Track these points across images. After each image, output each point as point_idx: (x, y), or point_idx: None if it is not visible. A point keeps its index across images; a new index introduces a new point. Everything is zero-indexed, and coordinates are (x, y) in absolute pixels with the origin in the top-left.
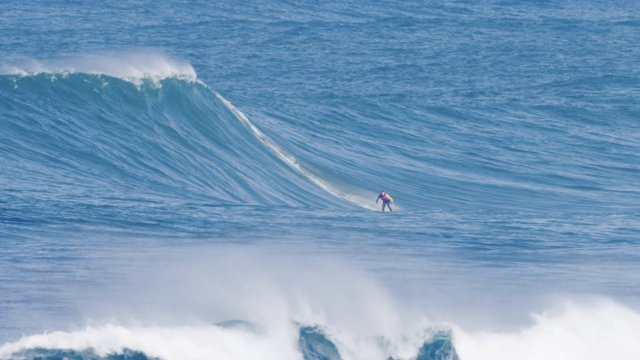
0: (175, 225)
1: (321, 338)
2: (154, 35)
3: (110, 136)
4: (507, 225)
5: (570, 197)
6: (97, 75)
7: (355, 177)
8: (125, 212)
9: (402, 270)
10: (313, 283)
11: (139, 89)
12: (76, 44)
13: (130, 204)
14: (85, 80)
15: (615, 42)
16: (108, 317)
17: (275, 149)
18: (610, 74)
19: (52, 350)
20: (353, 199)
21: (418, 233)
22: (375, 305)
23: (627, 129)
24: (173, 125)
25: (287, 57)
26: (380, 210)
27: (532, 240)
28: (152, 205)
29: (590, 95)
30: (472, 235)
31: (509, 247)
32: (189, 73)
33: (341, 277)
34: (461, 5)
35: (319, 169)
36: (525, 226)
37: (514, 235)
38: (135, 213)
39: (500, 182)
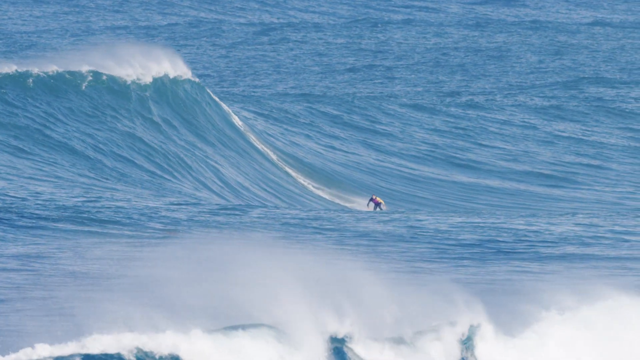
0: (145, 224)
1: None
2: (122, 35)
3: (88, 128)
4: (474, 224)
5: (538, 195)
6: (83, 70)
7: (330, 171)
8: (98, 210)
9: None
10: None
11: (127, 83)
12: (45, 44)
13: (111, 202)
14: (67, 75)
15: (582, 42)
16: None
17: (261, 146)
18: (580, 73)
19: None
20: (327, 193)
21: (384, 233)
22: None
23: (599, 127)
24: (157, 118)
25: (256, 58)
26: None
27: (500, 240)
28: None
29: (562, 94)
30: (439, 235)
31: (476, 247)
32: (183, 70)
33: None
34: (431, 5)
35: (297, 163)
36: (493, 225)
37: (480, 234)
38: (103, 210)
39: (466, 178)
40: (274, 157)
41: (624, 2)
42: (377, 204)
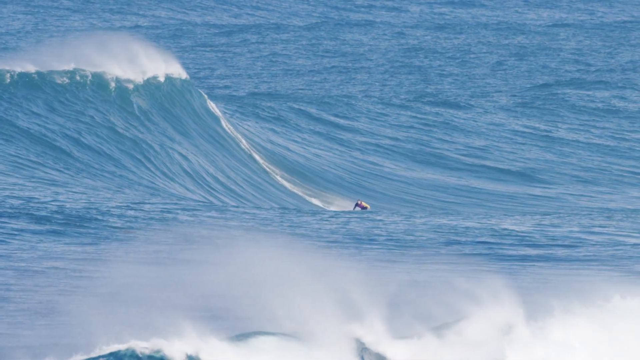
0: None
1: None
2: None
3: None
4: (434, 223)
5: (499, 193)
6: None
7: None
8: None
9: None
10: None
11: (113, 84)
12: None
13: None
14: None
15: (544, 42)
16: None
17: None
18: (542, 73)
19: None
20: (299, 189)
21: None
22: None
23: (568, 125)
24: (137, 112)
25: (217, 60)
26: None
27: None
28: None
29: (524, 93)
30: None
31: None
32: (177, 70)
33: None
34: (395, 5)
35: (276, 161)
36: (455, 224)
37: (439, 233)
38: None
39: (432, 174)
40: (258, 157)
41: (582, 2)
42: (363, 209)
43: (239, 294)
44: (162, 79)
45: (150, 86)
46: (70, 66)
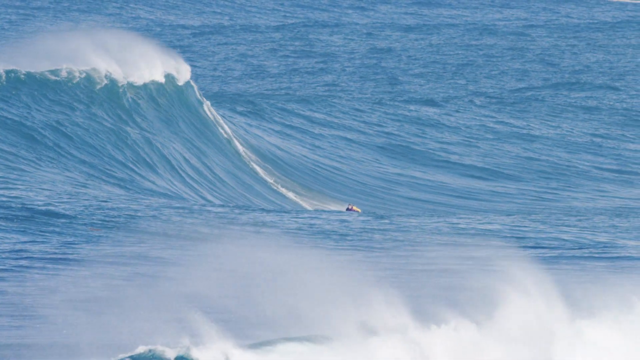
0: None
1: None
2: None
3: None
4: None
5: (476, 190)
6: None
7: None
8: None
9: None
10: None
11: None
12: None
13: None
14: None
15: (514, 43)
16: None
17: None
18: (515, 73)
19: None
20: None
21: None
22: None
23: (541, 122)
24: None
25: (196, 61)
26: None
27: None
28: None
29: (499, 93)
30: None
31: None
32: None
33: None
34: (363, 5)
35: (260, 156)
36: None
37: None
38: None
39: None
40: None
41: (547, 2)
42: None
43: (246, 295)
44: (159, 78)
45: (147, 85)
46: (60, 65)
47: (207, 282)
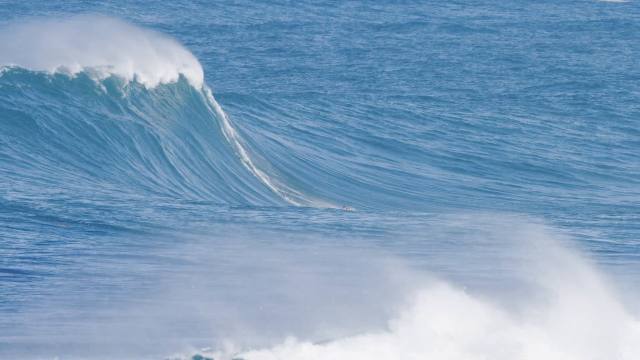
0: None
1: None
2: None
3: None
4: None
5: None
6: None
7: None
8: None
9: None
10: None
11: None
12: None
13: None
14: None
15: (479, 40)
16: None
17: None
18: (481, 70)
19: None
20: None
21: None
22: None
23: (508, 116)
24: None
25: None
26: None
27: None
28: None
29: (468, 87)
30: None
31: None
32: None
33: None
34: (329, 6)
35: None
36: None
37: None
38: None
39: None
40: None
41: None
42: None
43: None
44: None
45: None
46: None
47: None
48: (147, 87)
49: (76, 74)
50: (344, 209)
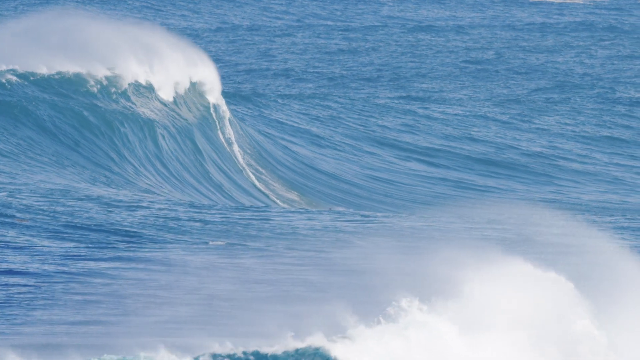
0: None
1: None
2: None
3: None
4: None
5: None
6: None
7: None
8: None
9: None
10: None
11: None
12: None
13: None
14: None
15: (439, 40)
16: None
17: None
18: (440, 70)
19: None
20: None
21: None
22: None
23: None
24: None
25: None
26: None
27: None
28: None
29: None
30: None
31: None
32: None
33: None
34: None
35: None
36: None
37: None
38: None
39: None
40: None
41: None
42: None
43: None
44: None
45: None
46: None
47: None
48: (152, 87)
49: (74, 73)
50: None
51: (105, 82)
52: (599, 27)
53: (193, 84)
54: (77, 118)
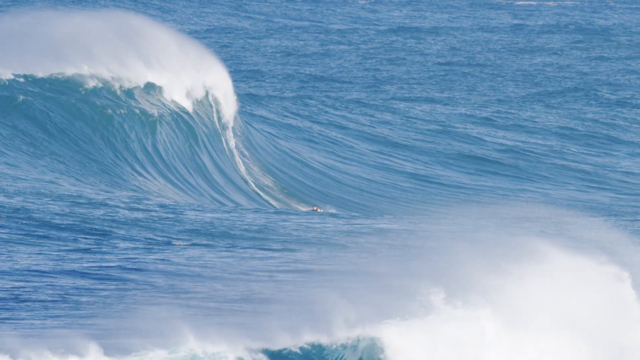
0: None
1: None
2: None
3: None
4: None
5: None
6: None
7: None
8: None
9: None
10: None
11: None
12: None
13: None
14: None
15: (410, 42)
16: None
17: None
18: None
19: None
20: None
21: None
22: None
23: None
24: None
25: None
26: None
27: None
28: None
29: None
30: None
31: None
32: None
33: None
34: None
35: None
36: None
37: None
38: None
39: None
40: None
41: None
42: None
43: None
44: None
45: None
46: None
47: None
48: (158, 90)
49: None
50: (315, 209)
51: (100, 85)
52: (570, 29)
53: (202, 86)
54: (75, 114)
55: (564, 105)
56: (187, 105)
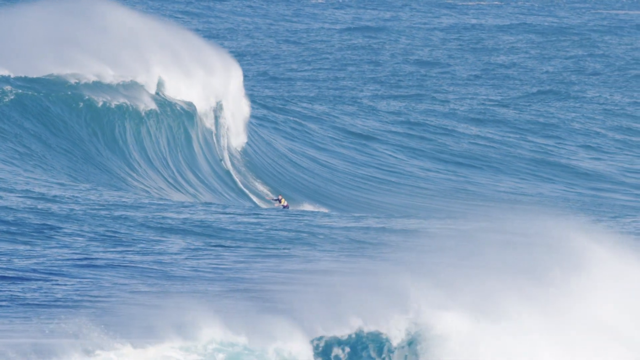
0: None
1: None
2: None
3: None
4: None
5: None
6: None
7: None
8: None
9: None
10: None
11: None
12: None
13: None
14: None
15: (391, 42)
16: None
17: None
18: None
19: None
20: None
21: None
22: None
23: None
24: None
25: None
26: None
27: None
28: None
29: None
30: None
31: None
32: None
33: None
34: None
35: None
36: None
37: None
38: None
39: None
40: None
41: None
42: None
43: None
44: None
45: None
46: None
47: None
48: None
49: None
50: (280, 198)
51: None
52: (536, 28)
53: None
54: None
55: (518, 102)
56: (178, 101)
